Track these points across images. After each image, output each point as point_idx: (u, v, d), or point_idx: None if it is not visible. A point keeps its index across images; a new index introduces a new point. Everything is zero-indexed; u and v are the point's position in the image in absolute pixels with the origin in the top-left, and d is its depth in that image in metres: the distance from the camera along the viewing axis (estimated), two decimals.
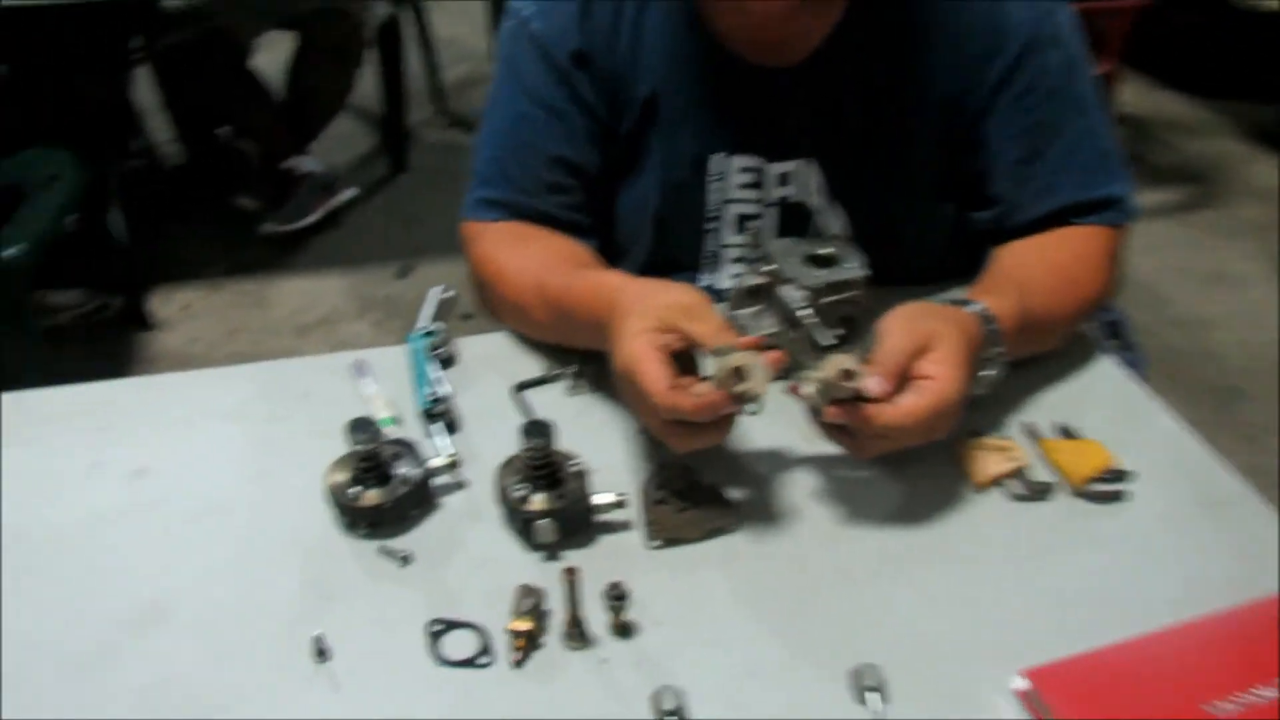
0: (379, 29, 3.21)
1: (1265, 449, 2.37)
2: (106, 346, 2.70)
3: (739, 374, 0.83)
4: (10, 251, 2.04)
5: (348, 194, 3.25)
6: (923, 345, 0.88)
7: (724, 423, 0.87)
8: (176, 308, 2.85)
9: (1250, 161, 3.55)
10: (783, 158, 1.14)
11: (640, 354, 0.85)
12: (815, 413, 0.89)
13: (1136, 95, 3.90)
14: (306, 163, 3.17)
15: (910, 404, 0.86)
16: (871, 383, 0.85)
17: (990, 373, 0.96)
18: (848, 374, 0.85)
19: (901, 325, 0.89)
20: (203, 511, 0.93)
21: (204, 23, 2.96)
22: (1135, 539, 0.90)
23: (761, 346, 0.86)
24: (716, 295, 1.14)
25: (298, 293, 2.91)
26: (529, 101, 1.13)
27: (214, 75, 3.09)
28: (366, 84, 3.38)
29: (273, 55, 3.22)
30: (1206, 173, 3.49)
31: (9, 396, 1.05)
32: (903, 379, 0.87)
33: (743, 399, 0.84)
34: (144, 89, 3.16)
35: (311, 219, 3.13)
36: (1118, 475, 0.94)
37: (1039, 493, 0.93)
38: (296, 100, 3.17)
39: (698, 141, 1.14)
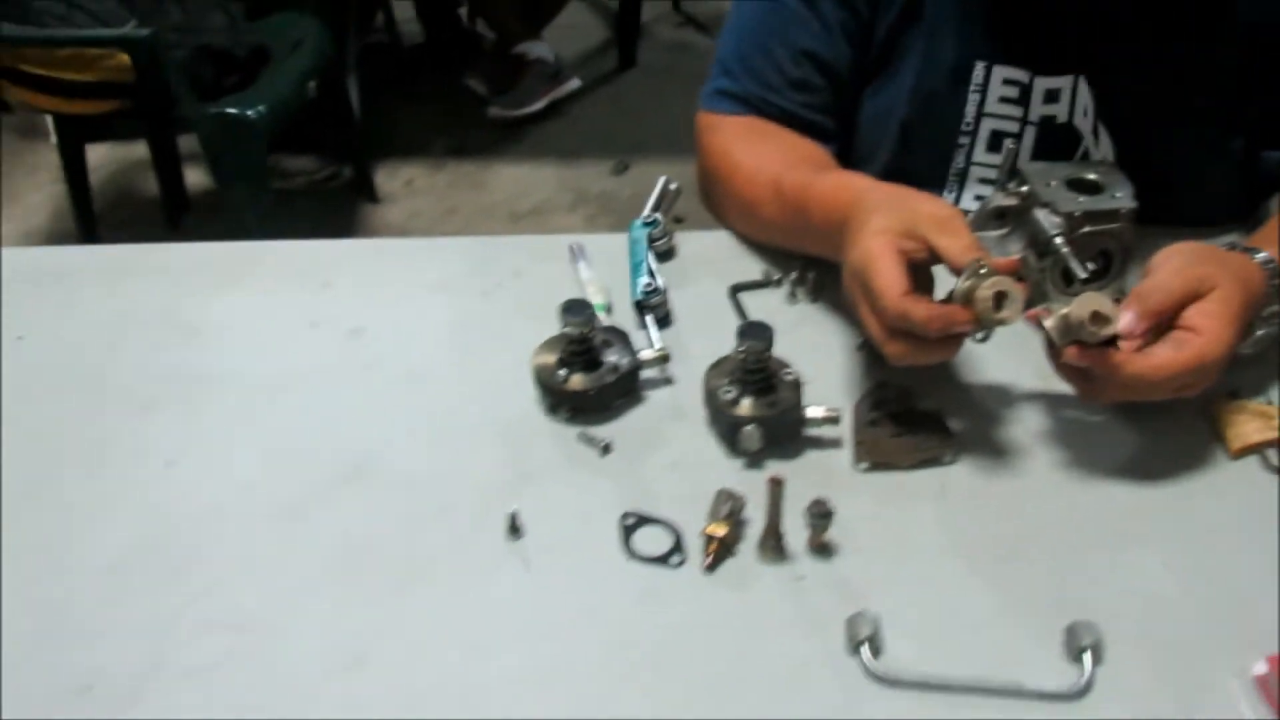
0: None
1: None
2: (334, 214, 2.81)
3: (997, 298, 0.76)
4: (252, 112, 2.13)
5: (573, 84, 3.25)
6: (1194, 291, 0.79)
7: (952, 342, 0.81)
8: (401, 183, 2.93)
9: None
10: (1051, 72, 1.05)
11: (878, 252, 0.80)
12: (1053, 348, 0.82)
13: None
14: (537, 48, 3.19)
15: (1166, 357, 0.78)
16: (1126, 318, 0.78)
17: (1263, 331, 0.86)
18: (1098, 317, 0.77)
19: (1175, 264, 0.81)
20: (411, 377, 0.94)
21: None
22: None
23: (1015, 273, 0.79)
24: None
25: (514, 179, 2.95)
26: None
27: None
28: None
29: None
30: None
31: (235, 245, 1.08)
32: (1162, 325, 0.79)
33: (985, 324, 0.77)
34: None
35: (536, 106, 3.15)
36: None
37: None
38: None
39: (960, 47, 1.06)
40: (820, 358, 0.94)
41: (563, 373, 0.88)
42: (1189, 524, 0.80)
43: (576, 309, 0.87)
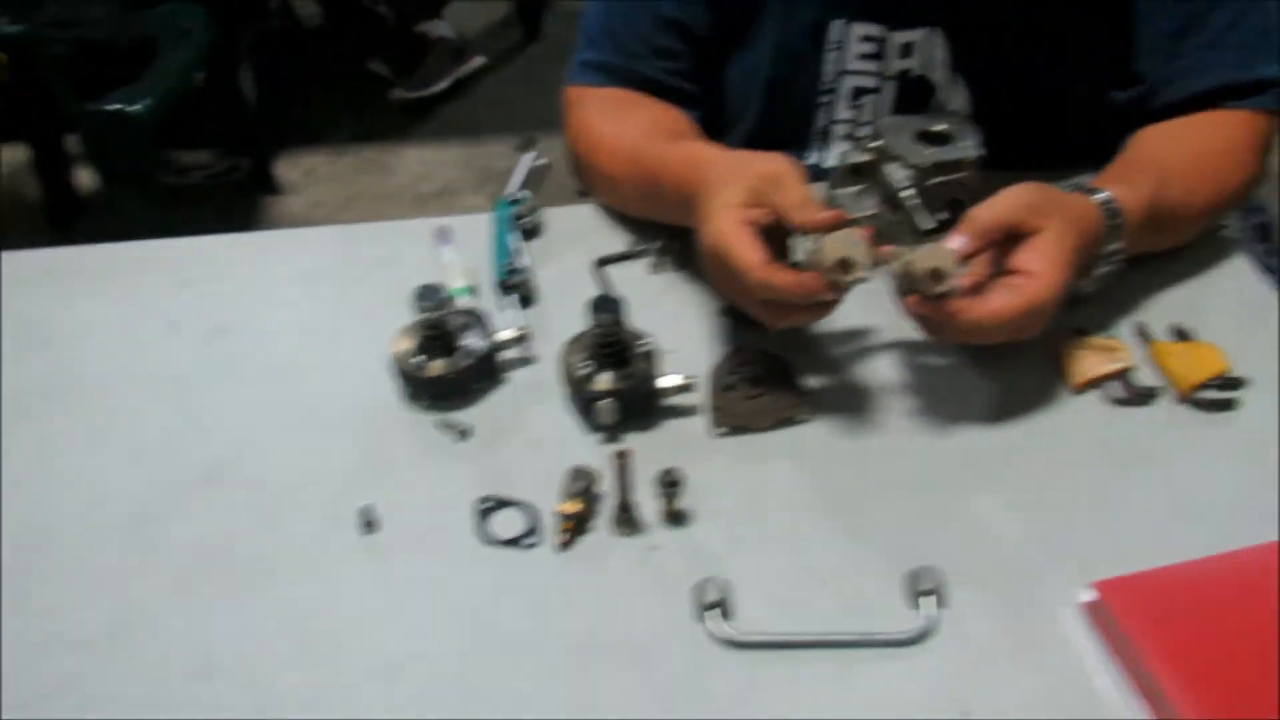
0: None
1: None
2: (234, 208, 2.75)
3: (842, 263, 0.77)
4: (137, 106, 2.08)
5: (477, 62, 3.20)
6: (1022, 219, 0.81)
7: (825, 302, 0.82)
8: (302, 172, 2.88)
9: None
10: (907, 25, 1.05)
11: (730, 230, 0.81)
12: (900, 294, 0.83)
13: None
14: (440, 27, 3.13)
15: (1000, 303, 0.79)
16: (957, 239, 0.80)
17: (1105, 269, 0.88)
18: (937, 274, 0.78)
19: (1011, 197, 0.82)
20: (272, 374, 0.93)
21: None
22: (1239, 451, 0.83)
23: (847, 224, 0.80)
24: (823, 174, 1.06)
25: (419, 161, 2.91)
26: None
27: None
28: None
29: None
30: None
31: (93, 249, 1.06)
32: (996, 260, 0.81)
33: (839, 286, 0.78)
34: None
35: (441, 86, 3.10)
36: (1231, 383, 0.86)
37: (1142, 397, 0.86)
38: None
39: (817, 5, 1.06)
40: (685, 326, 0.95)
41: (419, 359, 0.88)
42: (1031, 462, 0.83)
43: (428, 294, 0.86)
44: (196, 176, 2.73)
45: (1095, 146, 1.07)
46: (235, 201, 2.76)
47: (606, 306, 0.84)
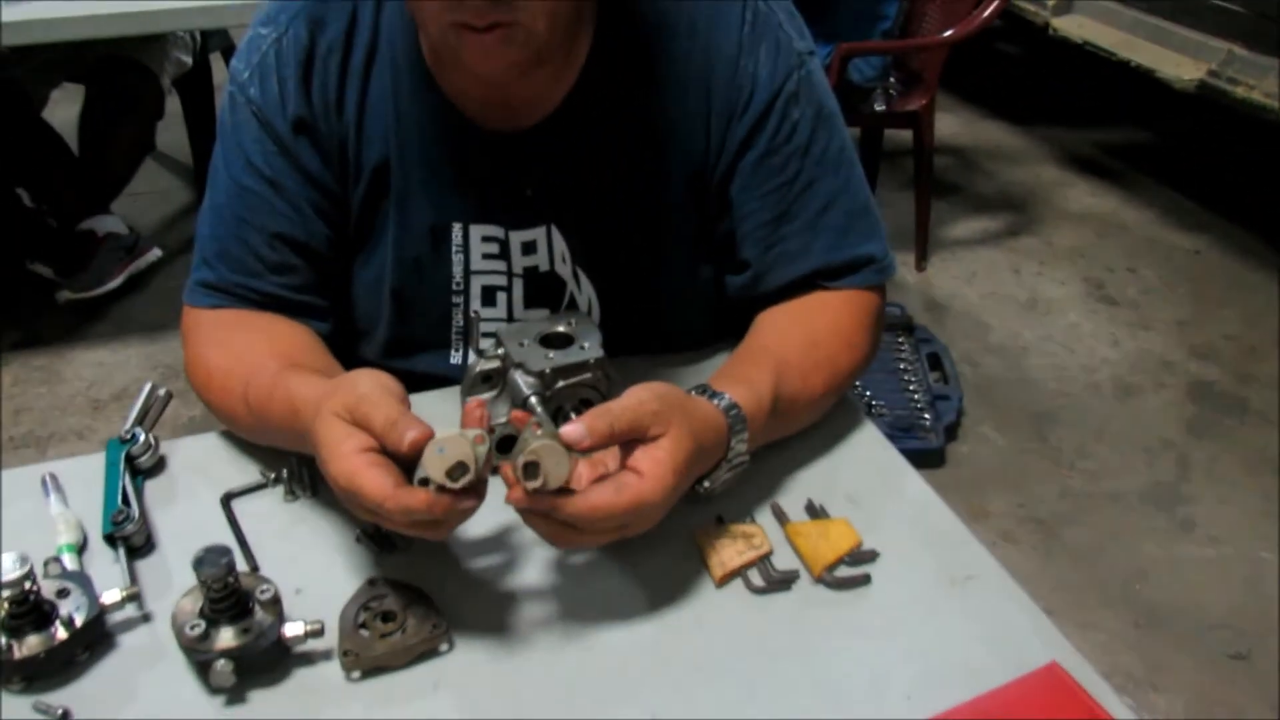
0: (181, 78, 3.06)
1: (1078, 471, 2.40)
2: None
3: (451, 471, 0.75)
4: None
5: (153, 255, 3.06)
6: (642, 423, 0.81)
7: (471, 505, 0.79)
8: None
9: (1066, 186, 3.65)
10: (524, 225, 1.07)
11: (349, 469, 0.77)
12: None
13: (960, 126, 3.98)
14: (108, 223, 2.98)
15: (603, 499, 0.79)
16: (572, 428, 0.79)
17: (728, 474, 0.90)
18: (530, 468, 0.77)
19: (633, 401, 0.83)
20: None
21: None
22: (874, 629, 0.84)
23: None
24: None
25: (94, 364, 2.73)
26: (249, 174, 1.03)
27: (3, 131, 2.90)
28: (179, 134, 3.22)
29: (69, 112, 3.03)
30: (1025, 199, 3.57)
31: None
32: (609, 458, 0.82)
33: (465, 493, 0.76)
34: None
35: (113, 284, 2.94)
36: (863, 557, 0.89)
37: (779, 584, 0.87)
38: (90, 157, 2.97)
39: (434, 211, 1.06)
40: (322, 557, 0.90)
41: (2, 640, 0.78)
42: (678, 664, 0.81)
43: (5, 568, 0.77)
44: None
45: (727, 324, 1.13)
46: None
47: (212, 559, 0.77)
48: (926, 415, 2.44)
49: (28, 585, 0.78)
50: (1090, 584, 2.11)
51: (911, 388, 2.50)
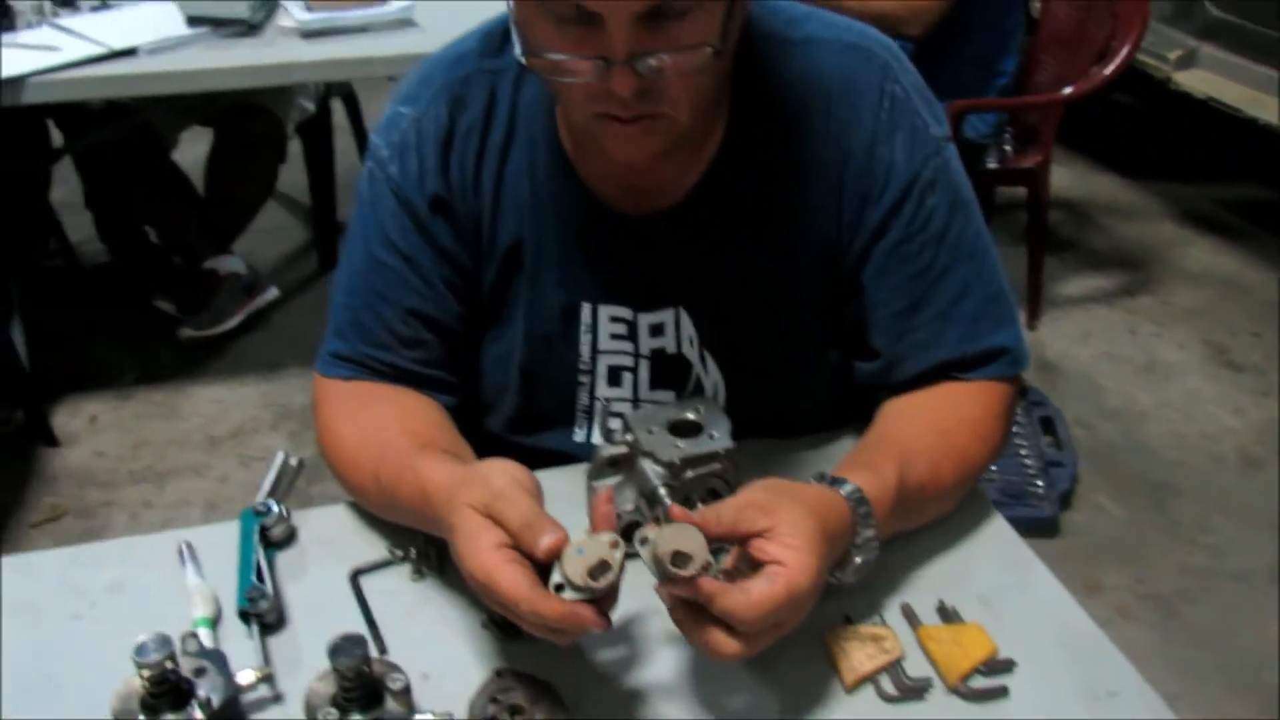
0: (303, 124, 3.15)
1: (1200, 547, 2.31)
2: (10, 463, 2.58)
3: (593, 570, 0.75)
4: None
5: (271, 294, 3.15)
6: (752, 524, 0.80)
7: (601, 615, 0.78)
8: (84, 420, 2.74)
9: (1185, 244, 3.54)
10: (653, 308, 1.07)
11: (486, 566, 0.77)
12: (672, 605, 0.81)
13: (1074, 179, 3.90)
14: (229, 263, 3.08)
15: (761, 590, 0.77)
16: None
17: (861, 560, 0.88)
18: (679, 556, 0.76)
19: (750, 492, 0.83)
20: None
21: (127, 119, 2.89)
22: None
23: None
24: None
25: (211, 401, 2.81)
26: (385, 249, 1.05)
27: (136, 172, 3.03)
28: (298, 175, 3.31)
29: (196, 152, 3.15)
30: (1141, 257, 3.47)
31: None
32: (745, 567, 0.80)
33: (603, 598, 0.76)
34: (64, 185, 3.08)
35: (232, 323, 3.03)
36: (999, 666, 0.86)
37: (913, 692, 0.85)
38: (216, 198, 3.08)
39: (564, 290, 1.07)
40: (448, 640, 0.91)
41: (142, 718, 0.80)
42: None
43: (149, 648, 0.78)
44: None
45: (853, 411, 1.11)
46: (11, 456, 2.59)
47: (348, 649, 0.78)
48: (1039, 482, 2.37)
49: (168, 665, 0.79)
50: (1215, 668, 2.02)
51: (1023, 453, 2.44)
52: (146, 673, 0.78)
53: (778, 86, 1.00)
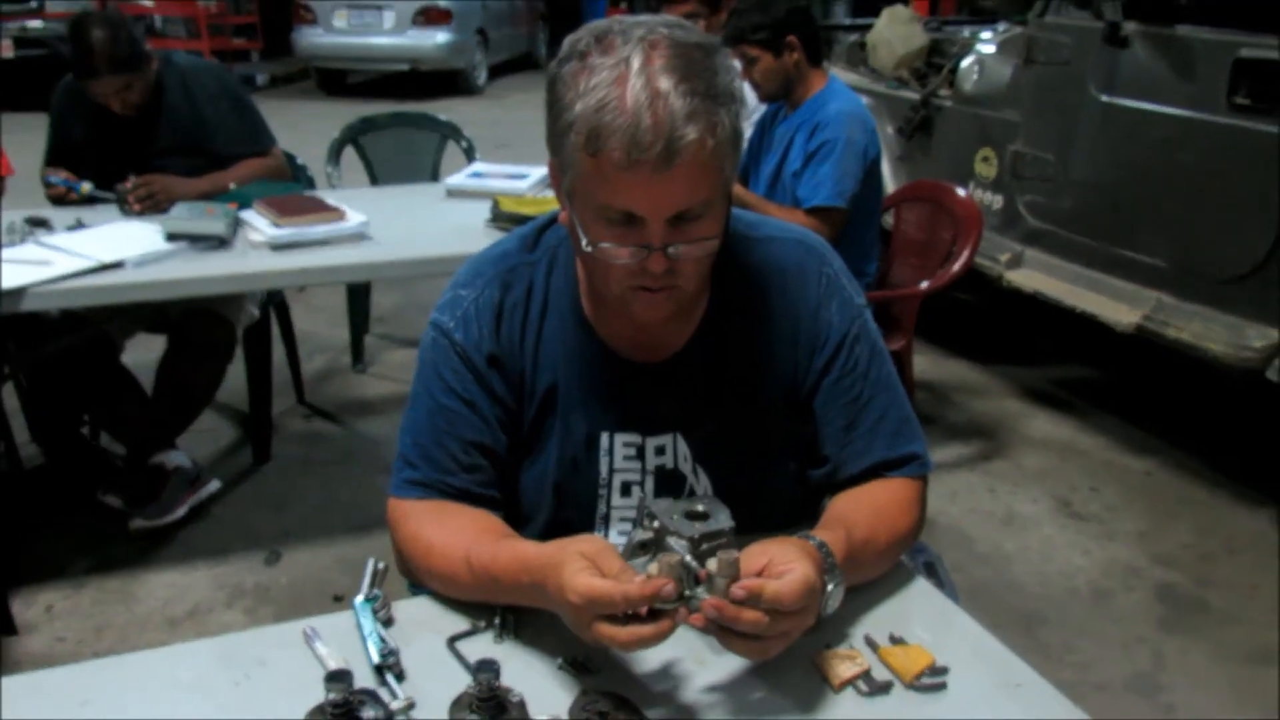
0: (249, 328, 3.43)
1: (1067, 664, 2.68)
2: None
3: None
4: None
5: (213, 486, 3.36)
6: (764, 559, 1.15)
7: (665, 622, 1.09)
8: (40, 609, 2.86)
9: (1028, 416, 4.09)
10: (657, 433, 1.42)
11: (587, 582, 1.09)
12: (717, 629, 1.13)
13: (930, 364, 4.45)
14: (174, 456, 3.29)
15: (790, 578, 1.11)
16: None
17: (832, 587, 1.22)
18: (728, 565, 1.11)
19: (758, 545, 1.17)
20: None
21: (81, 330, 3.13)
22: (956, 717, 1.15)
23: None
24: None
25: (166, 585, 2.97)
26: (449, 396, 1.38)
27: (86, 376, 3.24)
28: (230, 377, 3.56)
29: (137, 353, 3.39)
30: (993, 428, 3.99)
31: None
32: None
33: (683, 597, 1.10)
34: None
35: (180, 513, 3.21)
36: (938, 671, 1.19)
37: (881, 689, 1.18)
38: (167, 396, 3.27)
39: (588, 422, 1.41)
40: (533, 682, 1.19)
41: None
42: None
43: (338, 677, 1.06)
44: None
45: (806, 513, 1.46)
46: None
47: (486, 666, 1.07)
48: None
49: (346, 694, 1.07)
50: None
51: None
52: (335, 695, 1.05)
53: (748, 269, 1.40)
